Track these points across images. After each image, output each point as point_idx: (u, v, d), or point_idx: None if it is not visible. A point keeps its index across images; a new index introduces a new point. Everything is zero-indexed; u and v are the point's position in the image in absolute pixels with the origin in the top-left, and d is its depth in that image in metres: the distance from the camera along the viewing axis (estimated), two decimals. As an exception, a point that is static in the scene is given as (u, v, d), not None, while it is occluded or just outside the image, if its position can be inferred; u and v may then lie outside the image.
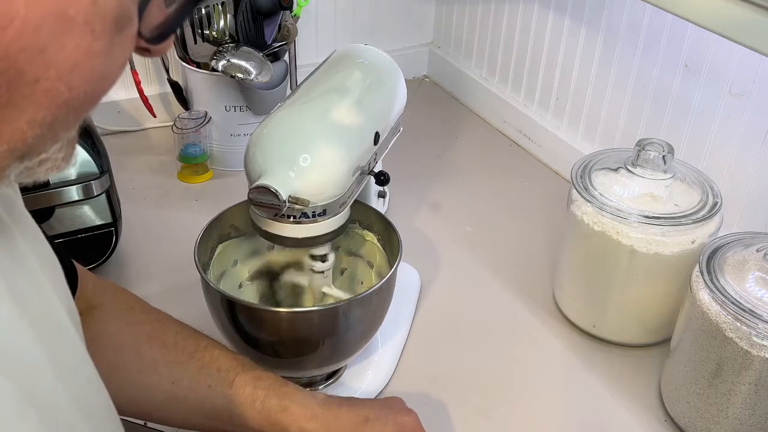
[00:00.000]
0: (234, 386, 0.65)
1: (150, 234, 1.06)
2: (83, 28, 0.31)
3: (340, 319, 0.73)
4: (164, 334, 0.67)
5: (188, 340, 0.67)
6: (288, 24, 1.14)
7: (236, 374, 0.65)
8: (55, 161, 0.36)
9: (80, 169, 0.87)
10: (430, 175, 1.23)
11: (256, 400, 0.64)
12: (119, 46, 0.33)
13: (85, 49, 0.31)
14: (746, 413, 0.72)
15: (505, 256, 1.05)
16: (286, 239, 0.71)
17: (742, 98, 0.91)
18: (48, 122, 0.32)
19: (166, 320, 0.68)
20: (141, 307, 0.69)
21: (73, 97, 0.32)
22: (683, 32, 0.97)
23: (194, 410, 0.65)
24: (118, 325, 0.66)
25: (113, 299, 0.67)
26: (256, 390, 0.65)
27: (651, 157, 0.83)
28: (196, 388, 0.64)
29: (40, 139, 0.33)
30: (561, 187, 1.16)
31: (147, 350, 0.65)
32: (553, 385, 0.86)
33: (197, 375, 0.65)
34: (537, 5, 1.22)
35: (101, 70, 0.33)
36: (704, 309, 0.73)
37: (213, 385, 0.64)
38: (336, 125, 0.71)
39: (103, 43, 0.32)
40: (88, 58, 0.32)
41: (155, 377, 0.64)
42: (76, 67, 0.31)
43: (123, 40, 0.33)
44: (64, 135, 0.35)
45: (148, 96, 1.22)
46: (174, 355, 0.65)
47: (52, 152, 0.35)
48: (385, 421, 0.66)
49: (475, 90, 1.42)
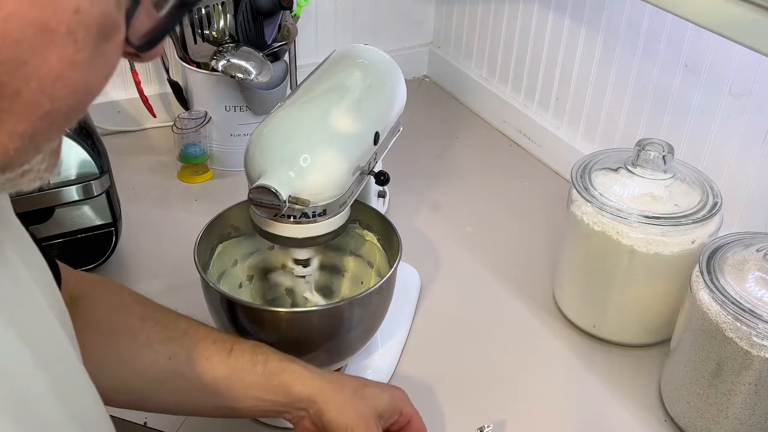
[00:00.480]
0: (233, 354, 0.65)
1: (150, 234, 1.06)
2: (65, 39, 0.30)
3: (340, 319, 0.73)
4: (155, 313, 0.67)
5: (179, 319, 0.67)
6: (288, 24, 1.14)
7: (233, 343, 0.65)
8: (38, 172, 0.35)
9: (80, 169, 0.87)
10: (430, 175, 1.23)
11: (257, 364, 0.64)
12: (104, 57, 0.32)
13: (68, 61, 0.31)
14: (746, 413, 0.72)
15: (505, 256, 1.05)
16: (286, 239, 0.71)
17: (742, 98, 0.91)
18: (29, 134, 0.32)
19: (153, 303, 0.68)
20: (127, 292, 0.68)
21: (56, 109, 0.32)
22: (683, 32, 0.97)
23: (193, 385, 0.64)
24: (107, 311, 0.65)
25: (97, 287, 0.67)
26: (255, 355, 0.65)
27: (651, 157, 0.83)
28: (194, 361, 0.64)
29: (22, 152, 0.33)
30: (561, 187, 1.16)
31: (140, 330, 0.65)
32: (553, 385, 0.86)
33: (194, 348, 0.64)
34: (537, 5, 1.22)
35: (85, 81, 0.32)
36: (704, 309, 0.73)
37: (211, 356, 0.64)
38: (336, 125, 0.71)
39: (86, 53, 0.31)
40: (71, 69, 0.31)
41: (151, 355, 0.64)
42: (59, 79, 0.31)
43: (108, 49, 0.32)
44: (47, 146, 0.34)
45: (148, 96, 1.22)
46: (168, 332, 0.65)
47: (35, 163, 0.34)
48: (382, 389, 0.68)
49: (475, 90, 1.42)
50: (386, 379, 0.84)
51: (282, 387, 0.64)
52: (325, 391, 0.64)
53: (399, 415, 0.68)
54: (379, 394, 0.67)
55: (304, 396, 0.64)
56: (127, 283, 0.69)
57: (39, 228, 0.87)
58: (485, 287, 1.00)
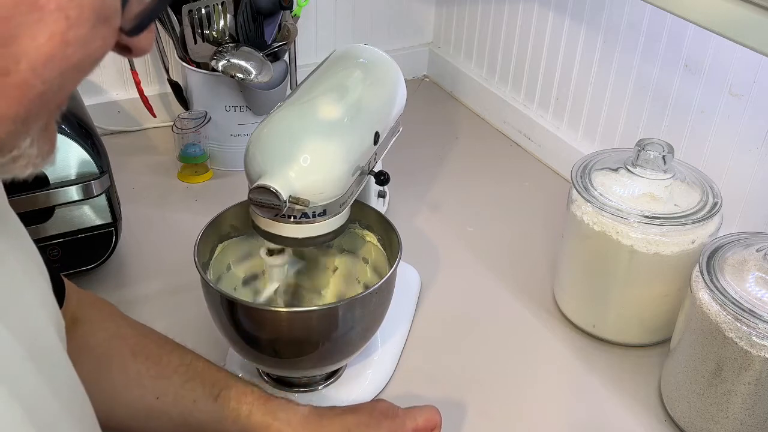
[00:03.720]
0: (218, 401, 0.64)
1: (150, 234, 1.06)
2: (56, 15, 0.29)
3: (339, 319, 0.73)
4: (148, 347, 0.66)
5: (173, 354, 0.66)
6: (288, 24, 1.14)
7: (221, 389, 0.65)
8: (29, 158, 0.34)
9: (80, 169, 0.87)
10: (430, 175, 1.23)
11: (240, 417, 0.64)
12: (99, 39, 0.32)
13: (60, 39, 0.30)
14: (746, 413, 0.72)
15: (505, 256, 1.05)
16: (287, 239, 0.71)
17: (742, 98, 0.91)
18: (21, 117, 0.31)
19: (149, 334, 0.68)
20: (124, 321, 0.68)
21: (47, 89, 0.31)
22: (683, 32, 0.97)
23: (179, 425, 0.64)
24: (103, 338, 0.65)
25: (96, 312, 0.67)
26: (240, 405, 0.64)
27: (651, 157, 0.83)
28: (180, 403, 0.64)
29: (13, 135, 0.32)
30: (561, 187, 1.16)
31: (132, 364, 0.64)
32: (553, 385, 0.86)
33: (182, 389, 0.64)
34: (537, 5, 1.22)
35: (76, 60, 0.31)
36: (704, 309, 0.73)
37: (198, 399, 0.64)
38: (336, 125, 0.71)
39: (79, 32, 0.30)
40: (63, 48, 0.30)
41: (139, 391, 0.64)
42: (51, 59, 0.30)
43: (104, 32, 0.32)
44: (35, 127, 0.34)
45: (148, 96, 1.22)
46: (159, 369, 0.65)
47: (25, 148, 0.34)
48: (377, 425, 0.66)
49: (475, 90, 1.42)
50: (386, 379, 0.84)
51: None
52: None
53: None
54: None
55: None
56: (127, 284, 0.69)
57: (39, 228, 0.87)
58: (485, 287, 1.00)
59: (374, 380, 0.83)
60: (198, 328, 0.85)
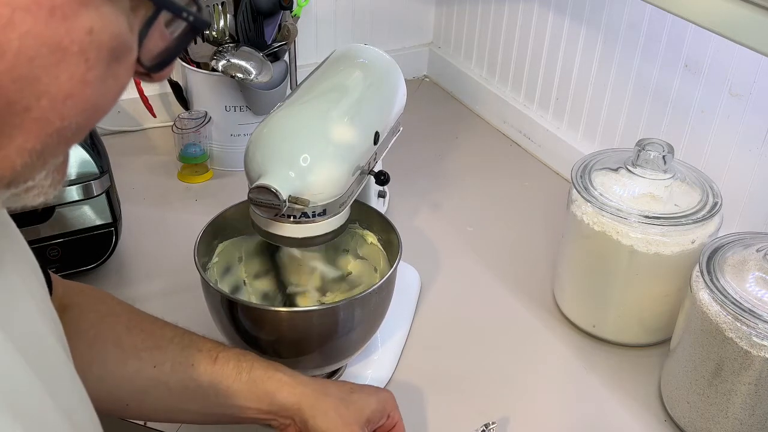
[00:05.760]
0: (218, 362, 0.65)
1: (150, 234, 1.06)
2: (77, 58, 0.30)
3: (340, 319, 0.73)
4: (141, 322, 0.67)
5: (166, 328, 0.67)
6: (288, 24, 1.14)
7: (219, 351, 0.65)
8: (42, 188, 0.36)
9: (80, 169, 0.87)
10: (430, 175, 1.23)
11: (242, 372, 0.64)
12: (114, 77, 0.33)
13: (79, 80, 0.31)
14: (746, 413, 0.72)
15: (505, 256, 1.05)
16: (286, 239, 0.71)
17: (742, 98, 0.91)
18: (38, 151, 0.32)
19: (140, 312, 0.68)
20: (114, 301, 0.69)
21: (65, 126, 0.32)
22: (683, 32, 0.97)
23: (178, 393, 0.64)
24: (93, 319, 0.65)
25: (84, 296, 0.67)
26: (240, 363, 0.65)
27: (651, 157, 0.83)
28: (179, 369, 0.64)
29: (29, 167, 0.33)
30: (561, 187, 1.16)
31: (126, 338, 0.65)
32: (553, 385, 0.86)
33: (179, 356, 0.64)
34: (537, 5, 1.22)
35: (94, 100, 0.32)
36: (704, 309, 0.73)
37: (196, 363, 0.64)
38: (336, 125, 0.71)
39: (97, 72, 0.31)
40: (82, 88, 0.31)
41: (137, 363, 0.64)
42: (69, 97, 0.31)
43: (119, 70, 0.33)
44: (52, 162, 0.35)
45: (148, 96, 1.22)
46: (154, 341, 0.65)
47: (39, 180, 0.35)
48: (369, 393, 0.68)
49: (475, 90, 1.42)
50: (386, 379, 0.84)
51: (267, 395, 0.64)
52: (310, 399, 0.64)
53: (387, 419, 0.68)
54: (366, 398, 0.66)
55: (288, 404, 0.64)
56: (127, 283, 0.69)
57: (39, 228, 0.87)
58: (485, 287, 1.00)
59: (374, 380, 0.83)
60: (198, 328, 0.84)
